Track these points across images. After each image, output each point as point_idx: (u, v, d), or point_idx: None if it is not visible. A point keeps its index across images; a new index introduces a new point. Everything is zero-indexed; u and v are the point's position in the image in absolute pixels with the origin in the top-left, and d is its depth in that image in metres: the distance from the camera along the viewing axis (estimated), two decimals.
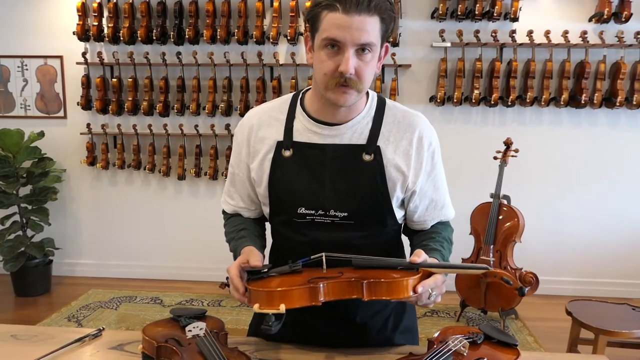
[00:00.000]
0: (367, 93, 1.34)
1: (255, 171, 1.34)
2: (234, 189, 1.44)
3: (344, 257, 1.17)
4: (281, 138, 1.31)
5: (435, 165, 1.35)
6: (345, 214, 1.27)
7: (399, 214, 1.35)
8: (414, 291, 1.08)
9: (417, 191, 1.32)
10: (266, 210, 1.39)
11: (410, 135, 1.30)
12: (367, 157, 1.27)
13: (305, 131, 1.31)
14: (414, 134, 1.30)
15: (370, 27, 1.13)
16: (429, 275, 1.12)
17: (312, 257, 1.18)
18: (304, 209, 1.29)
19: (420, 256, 1.13)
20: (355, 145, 1.28)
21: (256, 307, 1.06)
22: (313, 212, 1.29)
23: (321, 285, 1.07)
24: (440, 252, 1.27)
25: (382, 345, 1.39)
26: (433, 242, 1.30)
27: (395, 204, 1.31)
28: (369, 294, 1.08)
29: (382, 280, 1.08)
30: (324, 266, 1.15)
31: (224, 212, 1.51)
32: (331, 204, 1.28)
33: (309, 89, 1.35)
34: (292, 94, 1.39)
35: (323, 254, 1.17)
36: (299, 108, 1.34)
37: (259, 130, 1.35)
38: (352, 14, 1.11)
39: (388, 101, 1.36)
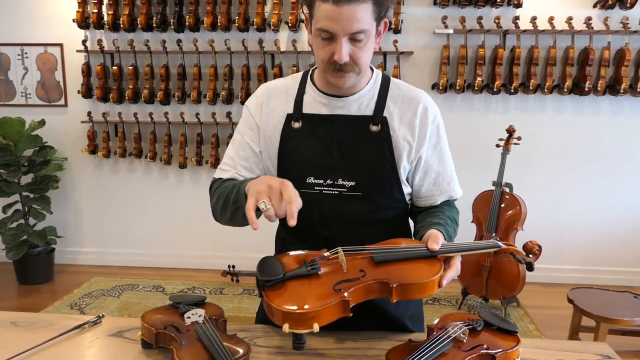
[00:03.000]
0: (372, 69, 1.38)
1: (265, 141, 1.36)
2: (240, 159, 1.38)
3: (361, 250, 1.15)
4: (291, 110, 1.35)
5: (440, 139, 1.38)
6: (353, 183, 1.30)
7: (405, 189, 1.36)
8: (439, 285, 1.09)
9: (422, 161, 1.35)
10: None
11: (414, 107, 1.34)
12: (374, 128, 1.31)
13: (314, 103, 1.35)
14: (419, 106, 1.35)
15: (361, 14, 1.14)
16: (445, 259, 1.13)
17: (327, 254, 1.15)
18: (312, 178, 1.31)
19: (438, 242, 1.14)
20: (362, 116, 1.33)
21: (286, 328, 0.99)
22: (322, 181, 1.31)
23: (350, 293, 1.04)
24: (444, 226, 1.28)
25: (394, 326, 1.40)
26: (436, 219, 1.31)
27: (402, 175, 1.33)
28: (397, 295, 1.06)
29: (412, 282, 1.06)
30: (344, 265, 1.10)
31: (213, 184, 1.43)
32: (339, 172, 1.30)
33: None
34: (303, 71, 1.43)
35: (339, 248, 1.14)
36: (309, 83, 1.39)
37: (270, 101, 1.38)
38: (342, 3, 1.13)
39: (392, 78, 1.40)
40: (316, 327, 0.99)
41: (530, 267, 1.16)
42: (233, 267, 4.79)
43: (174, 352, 1.11)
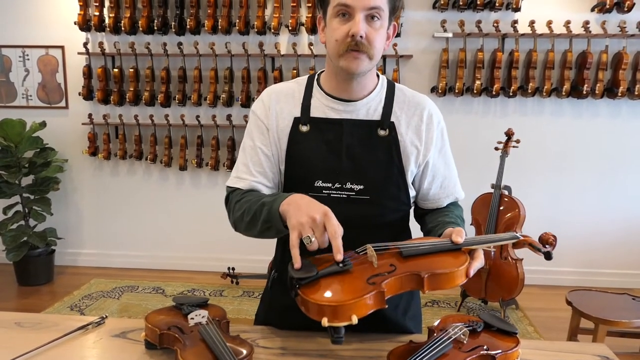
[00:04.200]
0: (378, 76, 1.39)
1: (274, 143, 1.37)
2: (254, 165, 1.37)
3: (390, 247, 1.16)
4: (298, 114, 1.35)
5: (445, 143, 1.40)
6: (362, 186, 1.31)
7: (411, 192, 1.38)
8: (467, 275, 1.09)
9: (429, 166, 1.37)
10: (281, 189, 1.41)
11: (420, 112, 1.36)
12: (382, 132, 1.33)
13: (322, 107, 1.35)
14: (424, 111, 1.37)
15: None
16: (469, 252, 1.14)
17: (357, 250, 1.16)
18: (320, 181, 1.32)
19: (462, 235, 1.15)
20: (370, 120, 1.34)
21: (325, 322, 0.99)
22: (330, 185, 1.31)
23: (385, 285, 1.04)
24: (457, 224, 1.29)
25: (393, 328, 1.41)
26: (448, 218, 1.33)
27: (409, 179, 1.35)
28: (429, 285, 1.07)
29: (443, 272, 1.07)
30: (375, 261, 1.11)
31: (231, 192, 1.41)
32: (348, 176, 1.31)
33: (323, 71, 1.41)
34: (307, 75, 1.43)
35: (368, 245, 1.14)
36: (315, 86, 1.39)
37: (277, 104, 1.38)
38: None
39: (396, 84, 1.42)
40: (355, 319, 0.99)
41: (548, 257, 1.17)
42: (233, 269, 4.84)
43: (178, 352, 1.12)
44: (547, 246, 1.17)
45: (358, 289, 1.03)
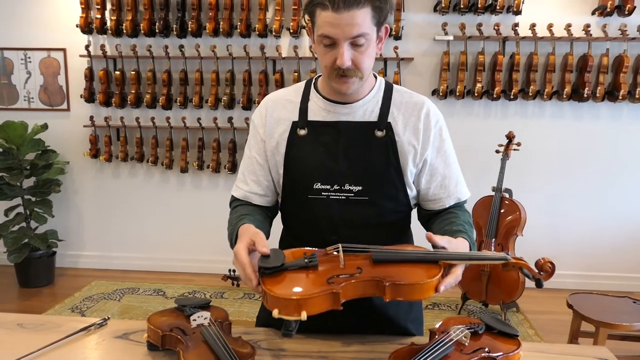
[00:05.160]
0: (375, 76, 1.40)
1: (271, 151, 1.39)
2: (249, 174, 1.43)
3: (361, 249, 1.16)
4: (296, 118, 1.37)
5: (444, 142, 1.39)
6: (360, 187, 1.32)
7: (411, 192, 1.38)
8: (436, 290, 1.07)
9: (427, 164, 1.36)
10: (280, 194, 1.43)
11: (418, 112, 1.36)
12: (379, 133, 1.33)
13: (319, 110, 1.37)
14: (422, 111, 1.36)
15: (360, 19, 1.17)
16: (448, 266, 1.12)
17: (327, 248, 1.17)
18: (319, 184, 1.33)
19: (443, 239, 1.14)
20: (367, 122, 1.34)
21: (275, 313, 1.02)
22: (328, 187, 1.33)
23: (342, 287, 1.04)
24: (465, 232, 1.28)
25: (395, 330, 1.42)
26: (455, 226, 1.31)
27: (409, 178, 1.35)
28: (391, 294, 1.05)
29: (406, 283, 1.06)
30: (342, 261, 1.11)
31: (232, 201, 1.49)
32: (346, 178, 1.32)
33: (321, 75, 1.41)
34: (306, 80, 1.45)
35: (340, 245, 1.15)
36: (313, 90, 1.40)
37: (274, 111, 1.40)
38: (341, 10, 1.16)
39: (395, 85, 1.42)
40: (304, 316, 1.01)
41: (539, 284, 1.12)
42: (233, 271, 4.85)
43: (181, 353, 1.12)
44: (541, 273, 1.12)
45: (314, 287, 1.05)
